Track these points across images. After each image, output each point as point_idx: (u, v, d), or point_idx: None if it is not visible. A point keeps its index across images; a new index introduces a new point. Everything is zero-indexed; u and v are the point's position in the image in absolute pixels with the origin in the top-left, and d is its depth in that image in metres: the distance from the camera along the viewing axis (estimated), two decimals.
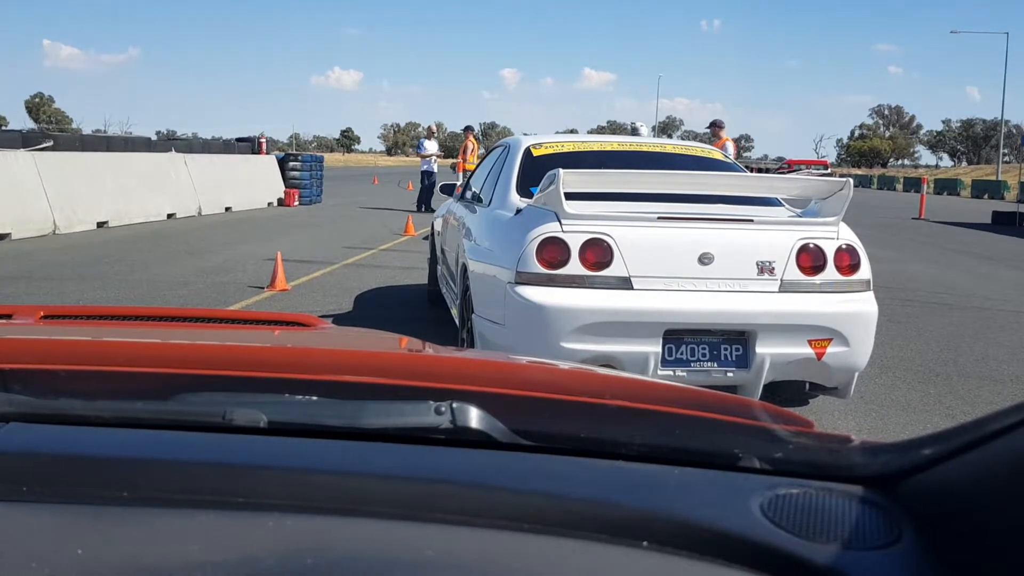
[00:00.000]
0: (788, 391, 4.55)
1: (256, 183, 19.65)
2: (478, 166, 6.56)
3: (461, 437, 0.79)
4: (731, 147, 11.98)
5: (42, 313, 1.39)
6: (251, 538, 0.59)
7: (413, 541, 0.60)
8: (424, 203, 18.62)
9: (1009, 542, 0.54)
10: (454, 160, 19.49)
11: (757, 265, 3.98)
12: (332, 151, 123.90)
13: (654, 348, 3.89)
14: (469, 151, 17.88)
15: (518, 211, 4.38)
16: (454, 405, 0.80)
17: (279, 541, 0.58)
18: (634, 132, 12.54)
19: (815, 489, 0.71)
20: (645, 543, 0.62)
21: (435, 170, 18.99)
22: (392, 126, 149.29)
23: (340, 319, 6.75)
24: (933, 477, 0.65)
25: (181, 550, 0.56)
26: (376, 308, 7.45)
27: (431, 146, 19.29)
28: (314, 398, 0.83)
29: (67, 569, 0.53)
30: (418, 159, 20.27)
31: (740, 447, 0.78)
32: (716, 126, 12.23)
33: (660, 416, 0.85)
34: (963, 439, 0.63)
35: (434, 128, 20.65)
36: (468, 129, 19.30)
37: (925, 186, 26.97)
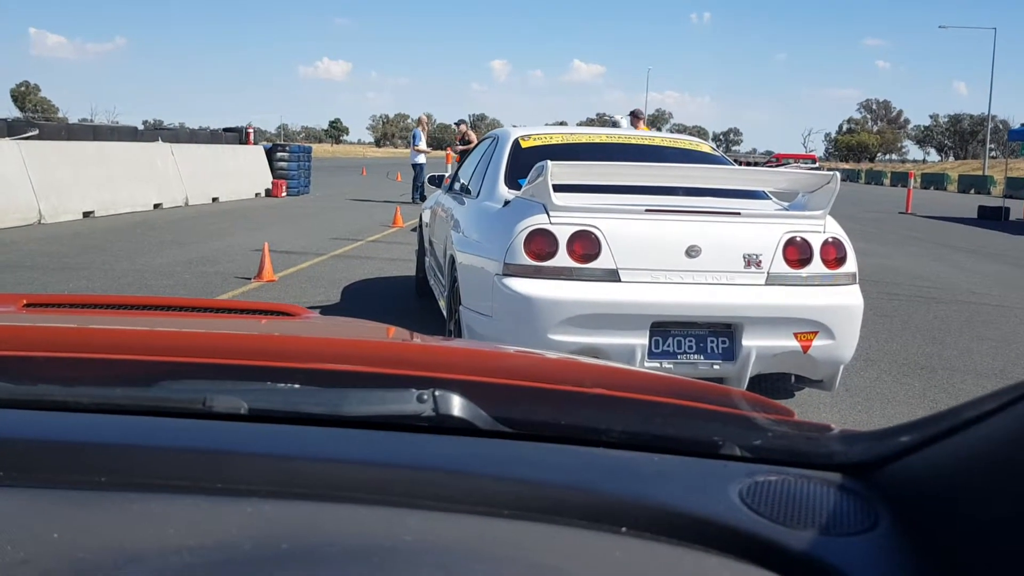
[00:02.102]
0: (774, 384, 4.57)
1: (243, 174, 19.55)
2: (466, 157, 6.55)
3: (443, 425, 0.79)
4: None
5: (24, 302, 1.38)
6: (228, 523, 0.59)
7: (391, 526, 0.60)
8: (421, 194, 18.48)
9: (984, 527, 0.55)
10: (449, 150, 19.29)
11: (744, 258, 4.00)
12: (320, 142, 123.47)
13: (641, 340, 3.90)
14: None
15: (506, 203, 4.37)
16: (436, 393, 0.80)
17: (256, 526, 0.58)
18: (614, 125, 12.55)
19: (794, 476, 0.71)
20: (624, 529, 0.62)
21: (424, 162, 18.81)
22: (381, 117, 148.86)
23: (327, 310, 6.73)
24: (910, 464, 0.66)
25: (157, 534, 0.56)
26: (364, 299, 7.44)
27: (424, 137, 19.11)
28: (296, 386, 0.83)
29: (42, 553, 0.53)
30: (406, 151, 20.15)
31: (719, 435, 0.78)
32: (635, 116, 12.24)
33: (640, 404, 0.86)
34: (940, 427, 0.64)
35: (424, 120, 20.47)
36: (461, 122, 19.21)
37: (912, 180, 27.08)
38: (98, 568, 0.52)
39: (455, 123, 19.79)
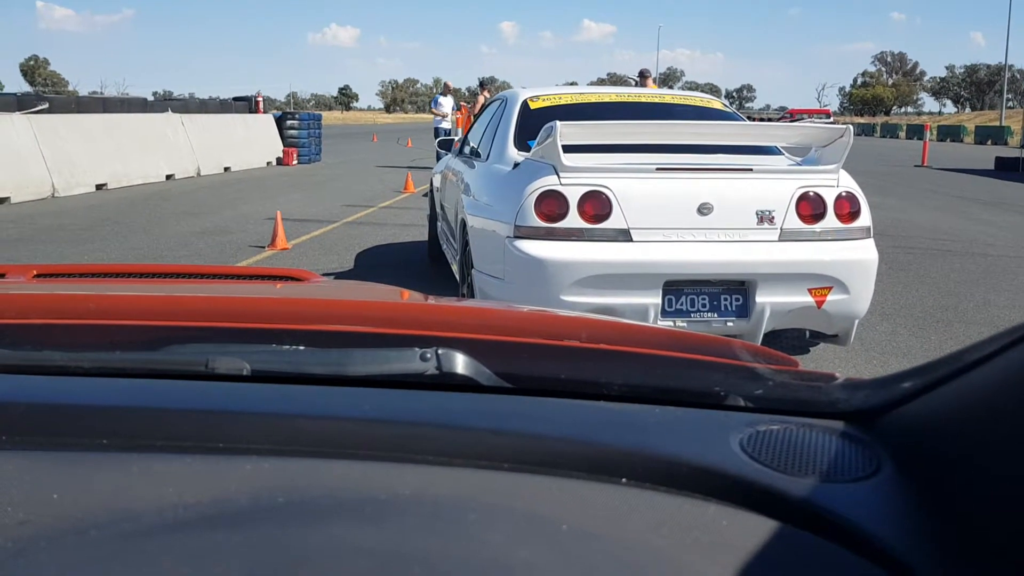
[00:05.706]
0: (789, 339, 4.56)
1: (254, 142, 19.54)
2: (476, 120, 6.51)
3: (446, 382, 0.79)
4: None
5: (35, 272, 1.39)
6: (227, 481, 0.59)
7: (389, 480, 0.60)
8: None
9: (985, 470, 0.55)
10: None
11: (757, 214, 3.96)
12: (330, 109, 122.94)
13: (654, 300, 3.89)
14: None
15: (516, 165, 4.35)
16: (439, 351, 0.80)
17: (254, 482, 0.58)
18: (641, 79, 12.57)
19: (795, 425, 0.71)
20: (624, 479, 0.62)
21: (449, 127, 18.57)
22: (390, 83, 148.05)
23: (341, 276, 6.75)
24: (912, 410, 0.65)
25: (156, 493, 0.56)
26: (377, 265, 7.45)
27: (446, 103, 18.89)
28: (299, 347, 0.83)
29: (42, 513, 0.54)
30: (417, 116, 19.94)
31: (721, 385, 0.77)
32: (643, 75, 12.36)
33: (642, 357, 0.85)
34: (941, 372, 0.63)
35: (449, 85, 20.19)
36: (483, 85, 18.94)
37: (928, 133, 26.80)
38: (95, 527, 0.52)
39: (477, 87, 19.40)
